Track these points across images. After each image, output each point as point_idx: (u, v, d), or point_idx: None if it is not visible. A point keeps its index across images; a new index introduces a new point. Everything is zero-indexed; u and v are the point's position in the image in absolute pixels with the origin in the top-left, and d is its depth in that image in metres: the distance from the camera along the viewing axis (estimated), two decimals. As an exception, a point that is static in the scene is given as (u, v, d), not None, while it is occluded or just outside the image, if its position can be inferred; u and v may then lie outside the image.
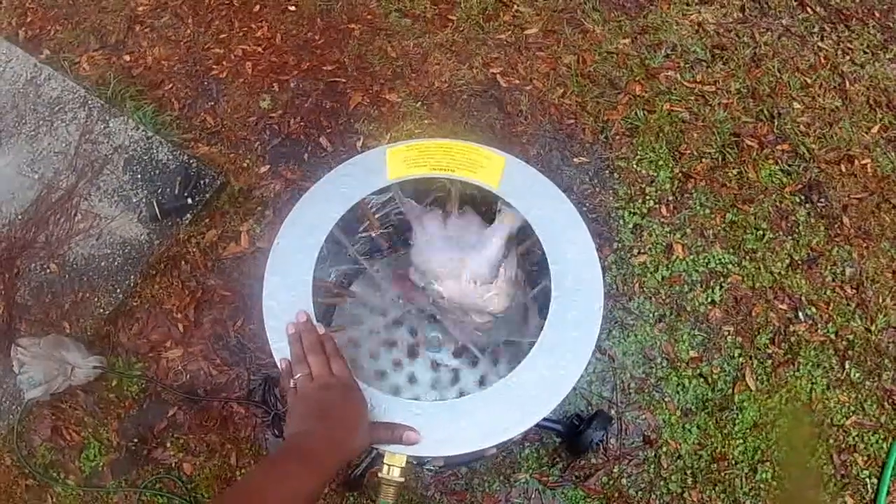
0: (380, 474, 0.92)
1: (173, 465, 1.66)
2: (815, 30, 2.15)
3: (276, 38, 2.15)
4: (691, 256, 1.82)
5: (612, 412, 1.66)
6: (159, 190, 1.88)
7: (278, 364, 0.96)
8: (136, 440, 1.67)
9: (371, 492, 1.60)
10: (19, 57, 2.09)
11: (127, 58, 2.14)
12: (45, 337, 1.66)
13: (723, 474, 1.62)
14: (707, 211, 1.87)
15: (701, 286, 1.79)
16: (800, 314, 1.76)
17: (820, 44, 2.13)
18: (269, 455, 1.66)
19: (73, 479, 1.65)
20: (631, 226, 1.85)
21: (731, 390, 1.69)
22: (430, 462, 1.49)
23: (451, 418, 0.91)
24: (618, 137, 1.96)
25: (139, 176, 1.91)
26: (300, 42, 2.14)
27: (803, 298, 1.78)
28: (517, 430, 0.91)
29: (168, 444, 1.67)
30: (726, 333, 1.74)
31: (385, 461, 0.91)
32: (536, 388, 0.93)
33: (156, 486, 1.64)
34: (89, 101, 2.01)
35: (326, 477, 0.81)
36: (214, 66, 2.11)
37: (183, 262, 1.83)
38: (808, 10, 2.18)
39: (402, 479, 0.91)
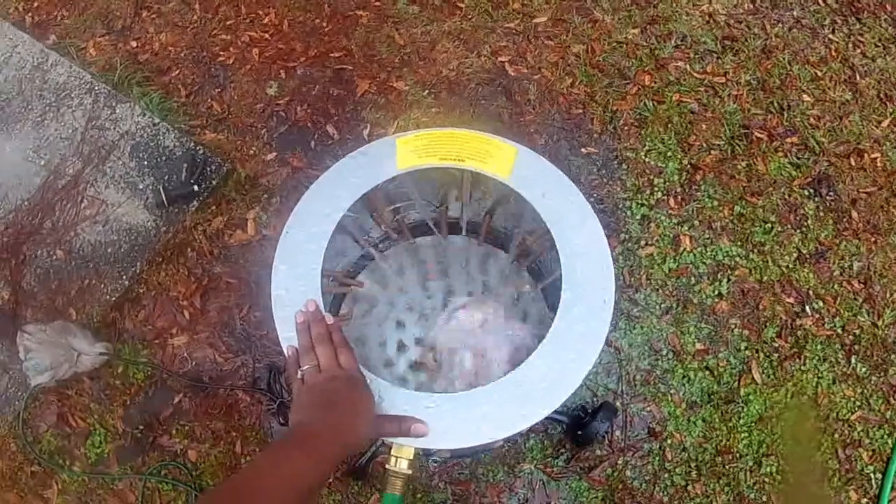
0: (387, 466, 0.92)
1: (179, 452, 1.66)
2: (827, 22, 2.14)
3: (283, 24, 2.14)
4: (699, 249, 1.81)
5: (618, 404, 1.66)
6: (166, 177, 1.88)
7: (286, 352, 0.96)
8: (141, 427, 1.68)
9: (376, 480, 1.60)
10: (26, 42, 2.08)
11: (134, 43, 2.13)
12: (51, 323, 1.67)
13: (727, 467, 1.62)
14: (715, 203, 1.86)
15: (708, 279, 1.78)
16: (807, 308, 1.75)
17: (831, 36, 2.11)
18: (273, 442, 1.66)
19: (79, 465, 1.66)
20: (638, 217, 1.84)
21: (736, 383, 1.69)
22: (435, 453, 1.49)
23: (460, 411, 0.91)
24: (626, 128, 1.95)
25: (146, 162, 1.90)
26: (307, 29, 2.13)
27: (811, 292, 1.77)
28: (525, 423, 0.91)
29: (173, 432, 1.68)
30: (733, 326, 1.73)
31: (393, 453, 0.91)
32: (545, 381, 0.92)
33: (161, 473, 1.64)
34: (96, 87, 2.00)
35: (329, 465, 0.81)
36: (221, 53, 2.10)
37: (189, 250, 1.83)
38: (820, 2, 2.16)
39: (410, 472, 0.91)
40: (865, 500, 1.60)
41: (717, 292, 1.77)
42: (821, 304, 1.76)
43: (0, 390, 1.71)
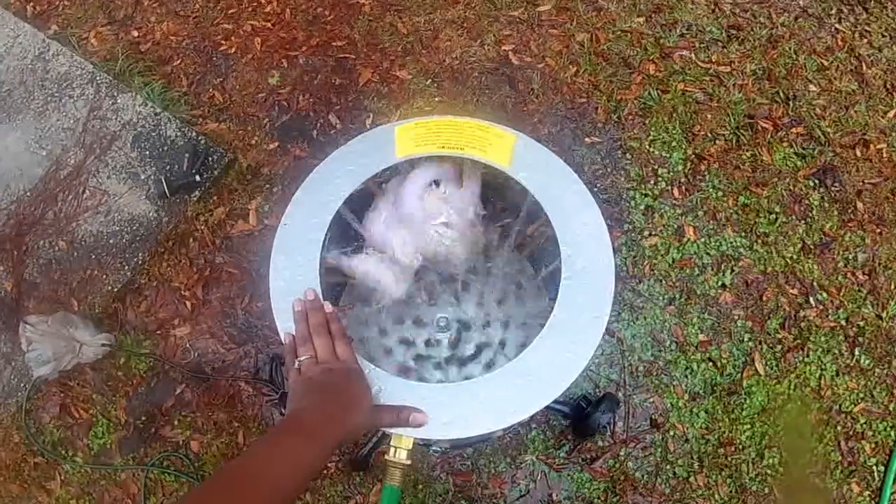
0: (386, 456, 0.91)
1: (181, 443, 1.66)
2: (833, 11, 2.11)
3: (285, 13, 2.13)
4: (703, 239, 1.80)
5: (620, 395, 1.66)
6: (168, 167, 1.88)
7: (283, 341, 0.95)
8: (143, 418, 1.68)
9: (378, 471, 1.60)
10: (27, 33, 2.07)
11: (135, 33, 2.13)
12: (53, 314, 1.67)
13: (729, 459, 1.61)
14: (720, 193, 1.84)
15: (712, 269, 1.77)
16: (811, 299, 1.74)
17: (837, 26, 2.09)
18: (269, 430, 1.66)
19: (82, 456, 1.66)
20: (642, 207, 1.83)
21: (739, 375, 1.68)
22: (436, 443, 1.49)
23: (459, 400, 0.90)
24: (630, 117, 1.94)
25: (147, 153, 1.90)
26: (309, 18, 2.12)
27: (815, 283, 1.76)
28: (525, 413, 0.90)
29: (176, 422, 1.68)
30: (736, 317, 1.73)
31: (392, 443, 0.91)
32: (545, 370, 0.92)
33: (163, 464, 1.65)
34: (97, 77, 1.99)
35: (325, 452, 0.81)
36: (223, 42, 2.09)
37: (191, 240, 1.83)
38: (826, -10, 2.15)
39: (409, 462, 0.91)
40: (867, 492, 1.59)
41: (720, 283, 1.76)
42: (825, 295, 1.75)
43: (3, 382, 1.71)
